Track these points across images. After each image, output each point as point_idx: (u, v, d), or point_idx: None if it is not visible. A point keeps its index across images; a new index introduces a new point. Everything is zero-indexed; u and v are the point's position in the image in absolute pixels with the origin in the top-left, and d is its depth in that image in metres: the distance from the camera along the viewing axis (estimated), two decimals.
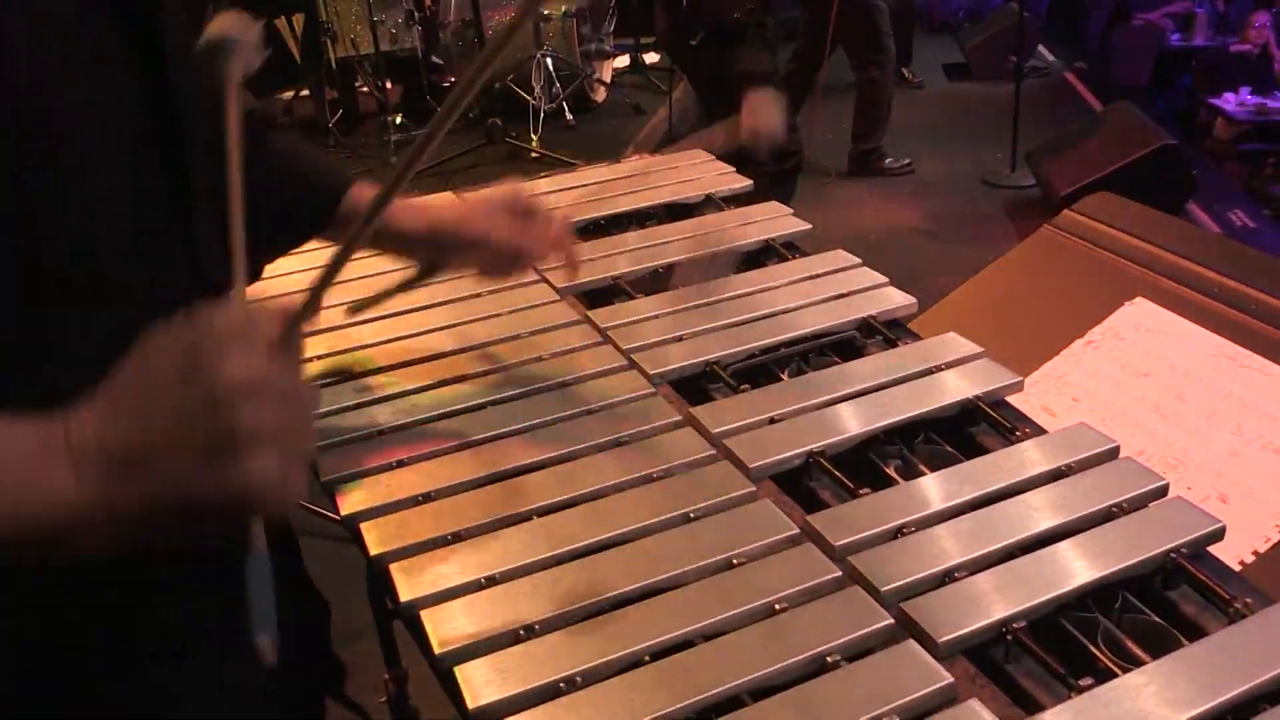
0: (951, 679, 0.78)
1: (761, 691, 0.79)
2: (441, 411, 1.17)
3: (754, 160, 3.90)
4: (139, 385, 0.61)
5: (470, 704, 0.79)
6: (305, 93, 5.89)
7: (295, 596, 1.04)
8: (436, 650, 0.84)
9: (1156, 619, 0.87)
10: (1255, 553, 1.15)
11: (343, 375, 1.25)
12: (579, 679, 0.80)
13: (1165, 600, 0.90)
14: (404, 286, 1.25)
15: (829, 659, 0.81)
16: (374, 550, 0.97)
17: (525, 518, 1.00)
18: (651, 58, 6.50)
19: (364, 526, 1.00)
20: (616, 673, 0.81)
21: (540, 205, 1.18)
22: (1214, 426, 1.29)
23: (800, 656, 0.81)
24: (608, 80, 6.09)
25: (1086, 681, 0.78)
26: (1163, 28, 8.36)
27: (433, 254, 1.18)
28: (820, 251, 1.55)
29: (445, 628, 0.86)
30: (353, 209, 1.11)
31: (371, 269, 1.39)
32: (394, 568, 0.94)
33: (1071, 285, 1.60)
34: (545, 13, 5.23)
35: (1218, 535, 0.93)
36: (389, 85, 5.59)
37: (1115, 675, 0.79)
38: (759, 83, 4.11)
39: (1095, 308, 1.53)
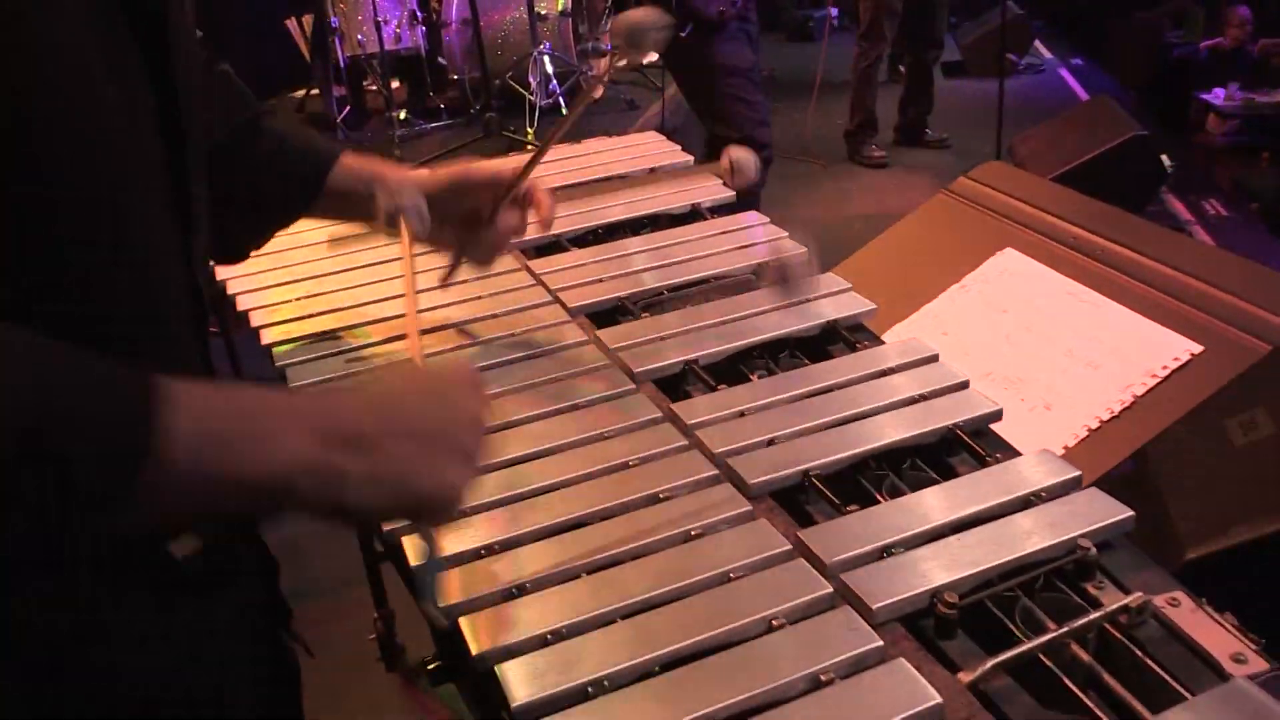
0: (750, 507, 1.01)
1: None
2: None
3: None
4: (385, 390, 0.78)
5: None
6: (315, 91, 6.16)
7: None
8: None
9: (930, 472, 1.09)
10: (1065, 447, 1.37)
11: None
12: (565, 631, 0.88)
13: (946, 463, 1.12)
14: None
15: (661, 495, 1.04)
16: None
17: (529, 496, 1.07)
18: (649, 56, 6.73)
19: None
20: (593, 627, 0.89)
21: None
22: (1050, 350, 1.51)
23: (664, 533, 1.04)
24: (605, 79, 6.32)
25: (853, 508, 1.01)
26: (1160, 25, 8.51)
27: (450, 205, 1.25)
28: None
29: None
30: (341, 181, 1.21)
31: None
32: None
33: (956, 240, 1.82)
34: (541, 11, 5.48)
35: (996, 416, 1.16)
36: (395, 84, 5.85)
37: None
38: (738, 76, 4.30)
39: (973, 258, 1.75)
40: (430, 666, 1.01)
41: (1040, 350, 1.52)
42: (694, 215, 1.83)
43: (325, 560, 2.88)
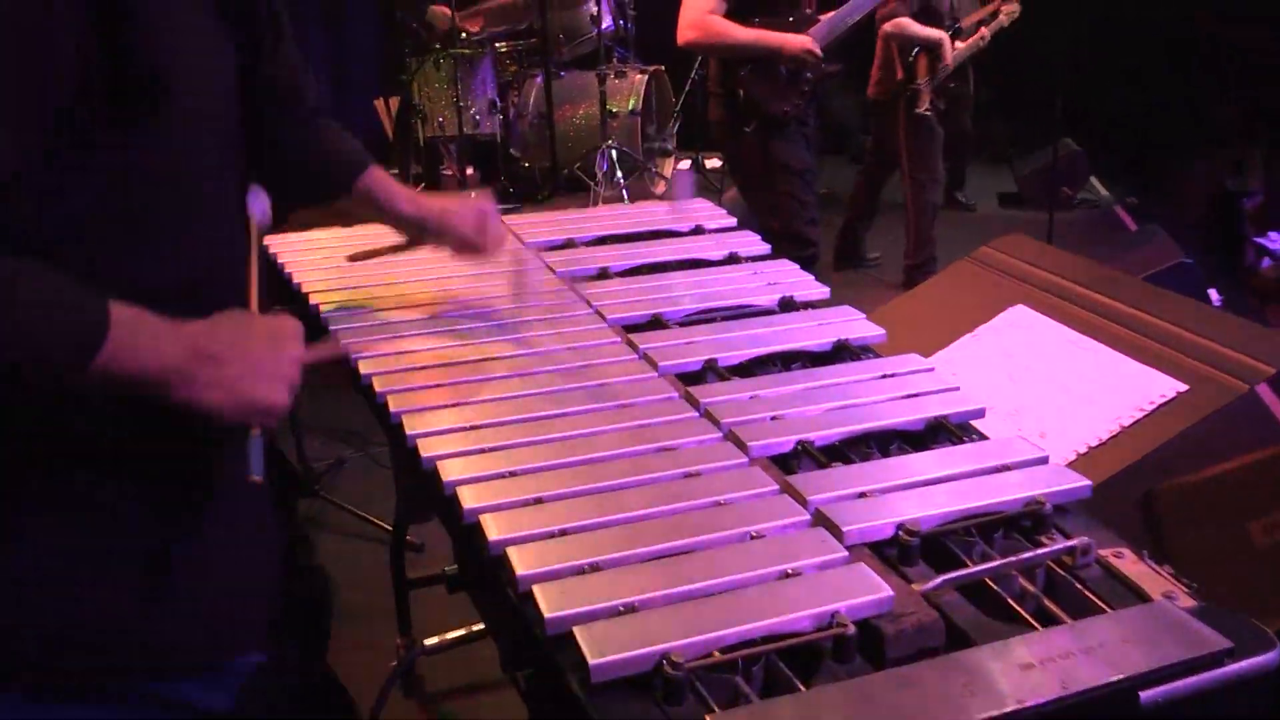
0: (746, 459, 1.14)
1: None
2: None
3: (777, 246, 4.22)
4: (234, 325, 1.03)
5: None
6: (395, 170, 6.51)
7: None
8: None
9: (913, 451, 1.21)
10: None
11: None
12: (573, 529, 1.02)
13: (930, 446, 1.24)
14: (394, 249, 1.64)
15: (670, 447, 1.16)
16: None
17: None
18: (714, 164, 7.02)
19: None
20: (597, 528, 1.03)
21: (495, 213, 1.57)
22: (1048, 388, 1.63)
23: (666, 470, 1.17)
24: (668, 176, 6.61)
25: (837, 464, 1.13)
26: (1219, 169, 8.66)
27: (417, 232, 1.56)
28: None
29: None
30: (367, 187, 1.49)
31: (370, 233, 1.83)
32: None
33: (973, 298, 1.96)
34: (613, 110, 5.79)
35: (979, 414, 1.28)
36: (469, 171, 6.16)
37: None
38: (794, 175, 4.48)
39: (986, 313, 1.88)
40: (449, 572, 1.13)
41: (1039, 388, 1.64)
42: (731, 260, 1.98)
43: (350, 593, 3.02)
